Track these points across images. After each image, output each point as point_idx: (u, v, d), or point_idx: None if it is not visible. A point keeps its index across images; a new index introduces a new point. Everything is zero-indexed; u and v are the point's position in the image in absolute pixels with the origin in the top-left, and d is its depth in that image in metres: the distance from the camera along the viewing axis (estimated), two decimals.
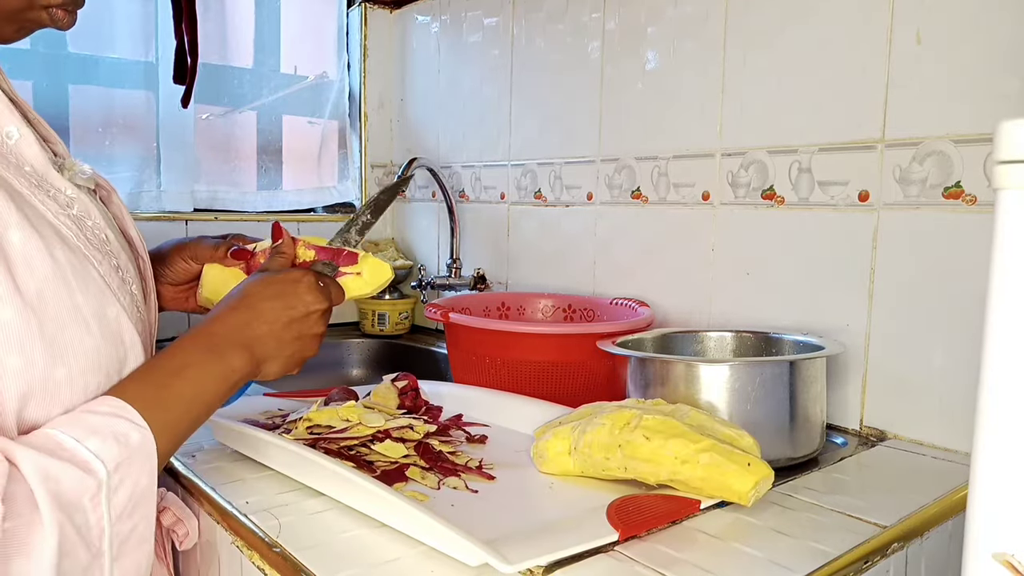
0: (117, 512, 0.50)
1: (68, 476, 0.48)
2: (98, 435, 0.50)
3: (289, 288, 0.66)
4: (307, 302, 0.66)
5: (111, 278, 0.59)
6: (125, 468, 0.51)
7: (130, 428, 0.52)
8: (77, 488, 0.48)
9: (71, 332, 0.53)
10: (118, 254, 0.63)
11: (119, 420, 0.52)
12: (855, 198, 0.94)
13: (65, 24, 0.63)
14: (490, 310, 1.30)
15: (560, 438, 0.75)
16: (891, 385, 0.92)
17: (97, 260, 0.59)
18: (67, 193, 0.60)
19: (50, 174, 0.60)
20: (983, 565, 0.38)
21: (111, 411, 0.53)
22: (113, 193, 0.71)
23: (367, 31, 1.74)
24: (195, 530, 0.71)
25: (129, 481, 0.51)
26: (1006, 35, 0.81)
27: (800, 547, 0.61)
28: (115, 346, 0.57)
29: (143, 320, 0.64)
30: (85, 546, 0.48)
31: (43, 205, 0.57)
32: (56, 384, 0.52)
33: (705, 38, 1.10)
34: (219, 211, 1.56)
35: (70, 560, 0.47)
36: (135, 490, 0.52)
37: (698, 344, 1.02)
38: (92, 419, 0.52)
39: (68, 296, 0.54)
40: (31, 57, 1.33)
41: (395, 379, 0.95)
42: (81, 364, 0.54)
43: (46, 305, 0.52)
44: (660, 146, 1.18)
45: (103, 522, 0.50)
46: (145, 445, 0.53)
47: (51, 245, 0.54)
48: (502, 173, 1.48)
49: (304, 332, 0.67)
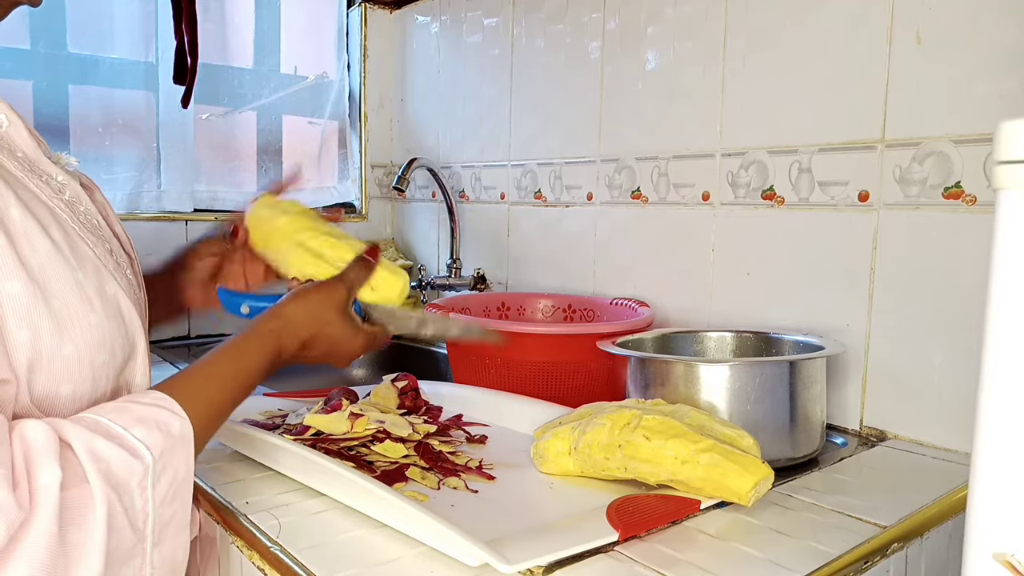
0: (160, 498, 0.52)
1: (117, 458, 0.49)
2: (144, 424, 0.52)
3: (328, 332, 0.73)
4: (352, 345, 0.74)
5: (106, 259, 0.60)
6: (168, 456, 0.53)
7: (171, 418, 0.54)
8: (126, 470, 0.50)
9: (75, 308, 0.54)
10: (111, 240, 0.64)
11: (162, 411, 0.54)
12: (855, 198, 0.94)
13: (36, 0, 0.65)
14: (490, 310, 1.30)
15: (560, 438, 0.75)
16: (891, 385, 0.92)
17: (91, 242, 0.60)
18: (58, 179, 0.61)
19: (42, 160, 0.61)
20: (983, 565, 0.38)
21: (154, 402, 0.55)
22: (96, 191, 0.71)
23: (367, 31, 1.74)
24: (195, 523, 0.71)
25: (170, 469, 0.53)
26: (1006, 35, 0.81)
27: (800, 547, 0.61)
28: (117, 323, 0.58)
29: (140, 304, 0.65)
30: (131, 528, 0.50)
31: (37, 188, 0.57)
32: (64, 360, 0.53)
33: (705, 38, 1.10)
34: (219, 211, 1.56)
35: (117, 538, 0.48)
36: (176, 478, 0.53)
37: (698, 344, 1.02)
38: (137, 408, 0.53)
39: (70, 273, 0.55)
40: (31, 57, 1.33)
41: (395, 379, 0.95)
42: (87, 340, 0.55)
43: (49, 281, 0.53)
44: (660, 146, 1.18)
45: (148, 507, 0.51)
46: (185, 435, 0.55)
47: (48, 225, 0.55)
48: (502, 173, 1.48)
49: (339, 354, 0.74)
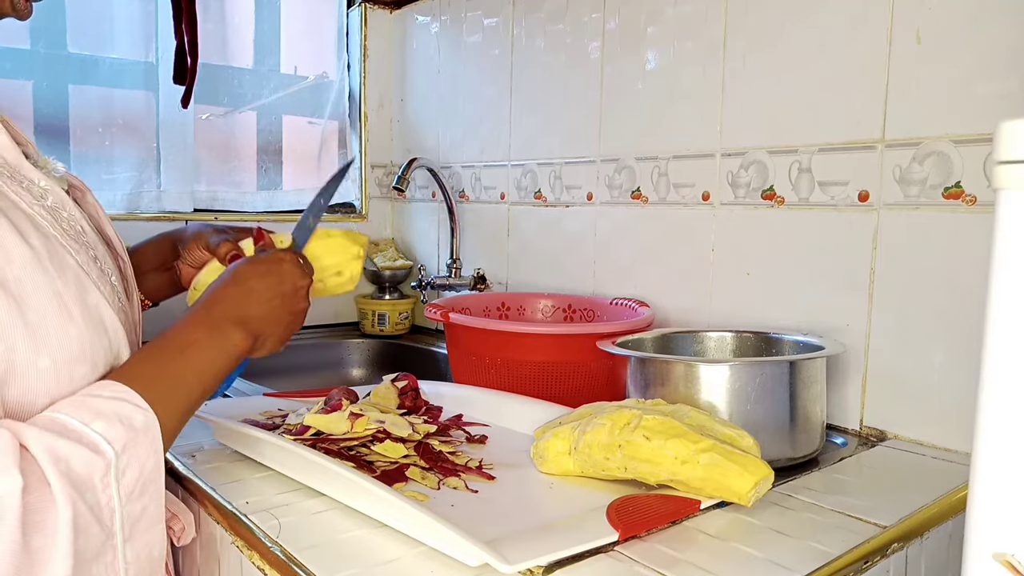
0: (127, 492, 0.51)
1: (78, 456, 0.49)
2: (103, 417, 0.51)
3: (275, 267, 0.71)
4: (294, 276, 0.71)
5: (89, 267, 0.59)
6: (132, 450, 0.52)
7: (134, 411, 0.53)
8: (87, 468, 0.49)
9: (53, 319, 0.53)
10: (95, 246, 0.63)
11: (122, 403, 0.53)
12: (855, 198, 0.94)
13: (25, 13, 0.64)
14: (490, 310, 1.30)
15: (560, 438, 0.75)
16: (891, 385, 0.92)
17: (74, 249, 0.59)
18: (40, 185, 0.60)
19: (23, 165, 0.60)
20: (983, 565, 0.38)
21: (114, 395, 0.54)
22: (87, 193, 0.71)
23: (367, 31, 1.74)
24: (192, 525, 0.71)
25: (136, 463, 0.52)
26: (1006, 35, 0.81)
27: (800, 547, 0.61)
28: (99, 334, 0.57)
29: (125, 312, 0.64)
30: (98, 525, 0.49)
31: (16, 195, 0.57)
32: (40, 373, 0.52)
33: (705, 38, 1.10)
34: (219, 211, 1.56)
35: (84, 538, 0.48)
36: (143, 471, 0.53)
37: (698, 344, 1.02)
38: (96, 402, 0.52)
39: (48, 283, 0.54)
40: (31, 57, 1.33)
41: (395, 379, 0.95)
42: (65, 353, 0.54)
43: (25, 292, 0.52)
44: (660, 146, 1.18)
45: (113, 502, 0.50)
46: (150, 427, 0.54)
47: (26, 233, 0.54)
48: (502, 173, 1.48)
49: (294, 308, 0.71)
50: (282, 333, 0.70)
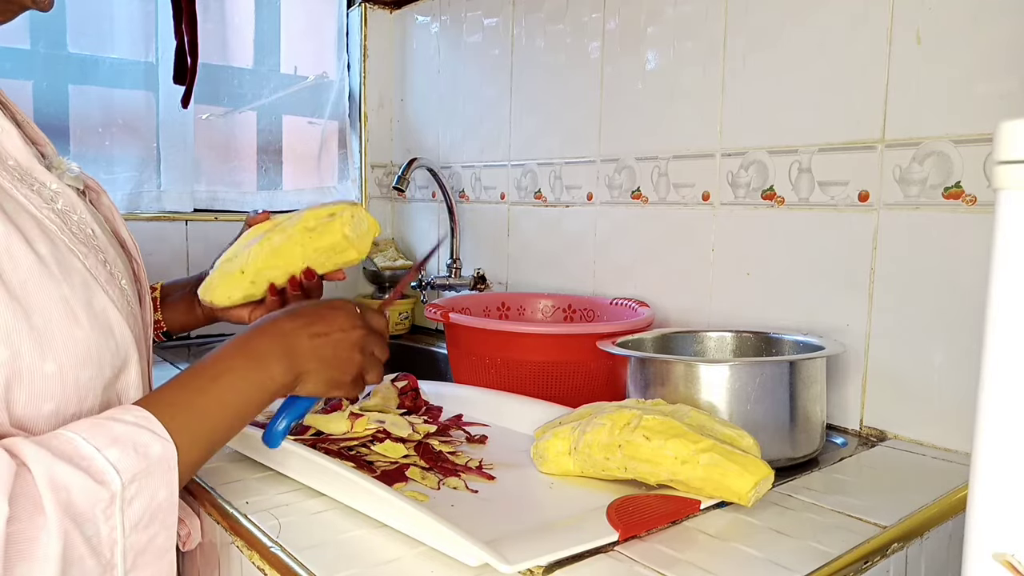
0: (132, 523, 0.50)
1: (80, 486, 0.47)
2: (118, 444, 0.50)
3: (326, 310, 0.67)
4: (341, 322, 0.66)
5: (98, 271, 0.59)
6: (142, 480, 0.50)
7: (152, 439, 0.52)
8: (89, 499, 0.48)
9: (59, 323, 0.53)
10: (106, 249, 0.63)
11: (142, 431, 0.52)
12: (855, 198, 0.94)
13: (47, 5, 0.64)
14: (490, 310, 1.30)
15: (560, 438, 0.75)
16: (891, 385, 0.92)
17: (82, 253, 0.59)
18: (52, 187, 0.60)
19: (35, 168, 0.60)
20: (983, 565, 0.38)
21: (135, 420, 0.52)
22: (103, 194, 0.71)
23: (367, 31, 1.74)
24: (197, 530, 0.71)
25: (146, 493, 0.51)
26: (1006, 35, 0.81)
27: (800, 547, 0.61)
28: (106, 337, 0.57)
29: (135, 316, 0.64)
30: (95, 556, 0.48)
31: (25, 199, 0.57)
32: (45, 377, 0.52)
33: (705, 38, 1.10)
34: (219, 211, 1.56)
35: (77, 569, 0.47)
36: (152, 503, 0.51)
37: (698, 344, 1.02)
38: (115, 427, 0.51)
39: (55, 288, 0.54)
40: (31, 57, 1.33)
41: (395, 379, 0.95)
42: (71, 357, 0.54)
43: (31, 296, 0.52)
44: (660, 146, 1.18)
45: (115, 533, 0.49)
46: (166, 458, 0.52)
47: (33, 239, 0.54)
48: (502, 173, 1.48)
49: (342, 351, 0.66)
50: (326, 374, 0.65)
